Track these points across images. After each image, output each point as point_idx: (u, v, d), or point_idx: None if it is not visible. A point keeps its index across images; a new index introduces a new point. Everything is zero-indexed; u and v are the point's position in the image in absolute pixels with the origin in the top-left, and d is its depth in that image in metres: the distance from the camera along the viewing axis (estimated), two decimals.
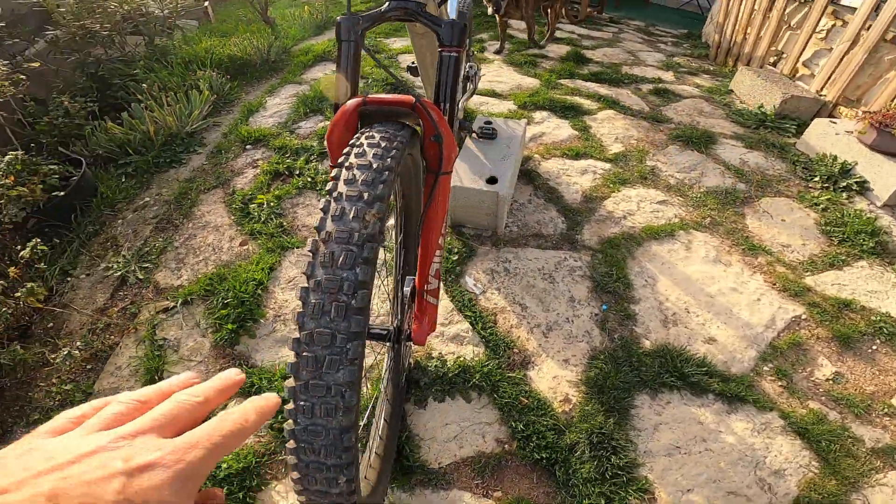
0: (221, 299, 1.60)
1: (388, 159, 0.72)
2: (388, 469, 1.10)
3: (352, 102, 0.85)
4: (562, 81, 3.37)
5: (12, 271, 1.39)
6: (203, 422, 0.29)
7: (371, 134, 0.76)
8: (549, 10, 3.95)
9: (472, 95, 2.34)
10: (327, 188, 0.70)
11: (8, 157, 1.51)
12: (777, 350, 1.55)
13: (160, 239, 1.92)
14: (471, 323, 1.59)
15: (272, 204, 2.04)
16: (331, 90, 2.93)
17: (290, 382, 0.63)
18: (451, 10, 1.64)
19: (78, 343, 1.51)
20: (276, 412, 0.39)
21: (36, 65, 2.32)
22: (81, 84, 2.70)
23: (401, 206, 1.11)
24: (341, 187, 0.69)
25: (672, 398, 1.41)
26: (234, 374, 0.34)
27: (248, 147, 2.48)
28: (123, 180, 2.27)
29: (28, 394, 1.42)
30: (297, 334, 0.63)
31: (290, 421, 0.63)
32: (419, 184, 1.00)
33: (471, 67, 2.14)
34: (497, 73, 3.49)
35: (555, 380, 1.45)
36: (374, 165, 0.70)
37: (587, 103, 3.03)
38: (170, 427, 0.28)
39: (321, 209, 0.68)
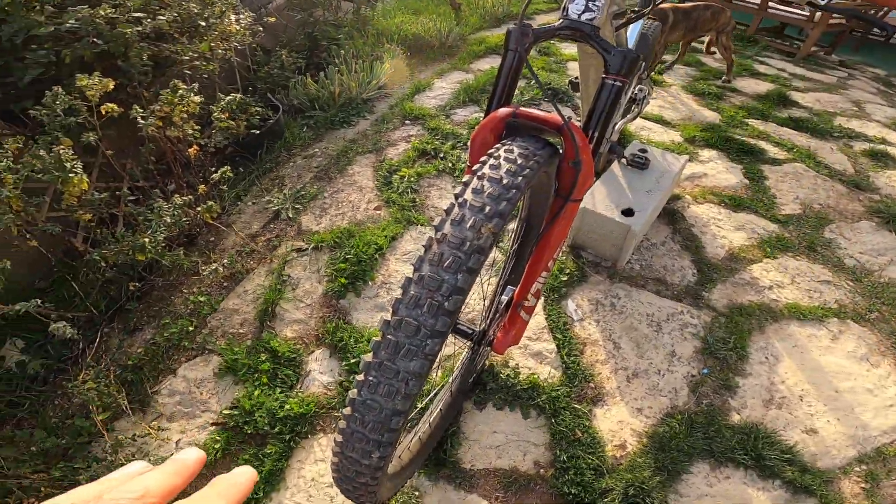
0: (344, 254, 1.82)
1: (520, 178, 0.72)
2: (424, 456, 1.15)
3: (503, 111, 0.86)
4: (749, 121, 2.97)
5: (202, 188, 1.74)
6: None
7: (511, 147, 0.76)
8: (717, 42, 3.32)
9: (635, 118, 2.22)
10: (456, 191, 0.72)
11: (229, 97, 1.89)
12: (881, 455, 1.32)
13: (315, 187, 2.22)
14: (557, 345, 1.56)
15: (412, 179, 2.21)
16: None
17: (368, 357, 0.68)
18: (632, 34, 1.55)
19: (225, 261, 1.80)
20: (252, 490, 0.33)
21: (272, 19, 2.76)
22: (299, 41, 3.15)
23: (524, 217, 1.10)
24: (468, 194, 0.70)
25: (734, 475, 1.28)
26: (192, 455, 0.28)
27: (406, 122, 2.70)
28: (304, 130, 2.65)
29: (170, 296, 1.73)
30: (388, 316, 0.68)
31: (354, 390, 0.69)
32: (548, 201, 0.98)
33: (640, 90, 2.02)
34: (672, 100, 3.21)
35: (619, 424, 1.38)
36: (504, 181, 0.71)
37: (773, 150, 2.64)
38: None
39: (445, 210, 0.71)
